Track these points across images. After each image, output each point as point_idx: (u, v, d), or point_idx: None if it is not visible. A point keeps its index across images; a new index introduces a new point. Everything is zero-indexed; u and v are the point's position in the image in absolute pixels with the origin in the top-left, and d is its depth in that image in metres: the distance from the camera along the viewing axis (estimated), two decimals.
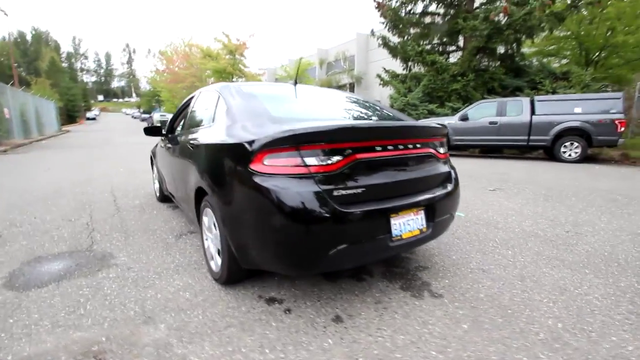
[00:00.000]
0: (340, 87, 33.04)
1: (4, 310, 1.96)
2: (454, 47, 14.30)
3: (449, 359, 1.52)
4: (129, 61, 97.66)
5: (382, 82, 15.00)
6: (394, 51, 14.41)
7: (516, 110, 8.94)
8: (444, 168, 2.20)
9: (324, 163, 1.63)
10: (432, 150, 2.08)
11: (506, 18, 10.73)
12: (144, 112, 51.16)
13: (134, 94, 78.22)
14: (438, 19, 14.04)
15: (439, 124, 2.17)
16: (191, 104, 3.05)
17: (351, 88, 32.56)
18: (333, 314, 1.87)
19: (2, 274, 2.43)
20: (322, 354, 1.55)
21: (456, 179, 2.27)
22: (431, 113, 12.29)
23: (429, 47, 13.60)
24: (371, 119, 2.37)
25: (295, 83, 2.74)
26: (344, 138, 1.69)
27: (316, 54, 35.54)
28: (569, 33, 13.61)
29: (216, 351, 1.57)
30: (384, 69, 15.52)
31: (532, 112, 8.71)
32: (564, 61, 15.00)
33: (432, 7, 13.65)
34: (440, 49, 14.41)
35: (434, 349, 1.59)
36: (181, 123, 3.39)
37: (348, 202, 1.65)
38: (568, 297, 2.04)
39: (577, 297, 2.05)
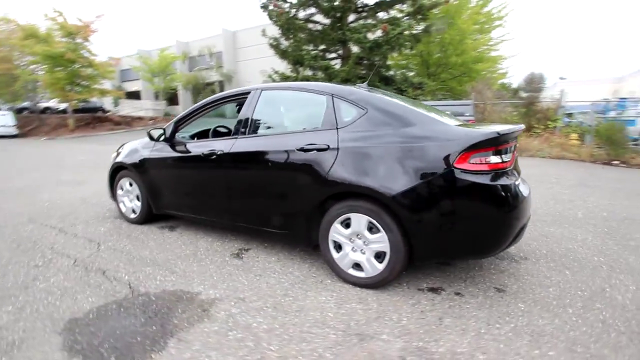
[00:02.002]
0: (209, 85, 31.22)
1: None
2: (334, 55, 15.87)
3: None
4: None
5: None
6: (284, 54, 14.90)
7: None
8: None
9: (508, 159, 1.95)
10: None
11: (384, 35, 12.74)
12: None
13: None
14: (318, 27, 15.29)
15: None
16: (248, 107, 2.65)
17: (221, 86, 31.15)
18: (492, 288, 2.21)
19: (59, 355, 1.66)
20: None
21: None
22: None
23: (313, 52, 14.60)
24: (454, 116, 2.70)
25: (368, 84, 2.83)
26: (514, 137, 2.04)
27: (175, 46, 32.23)
28: (415, 51, 17.15)
29: (487, 344, 1.69)
30: (274, 70, 15.81)
31: None
32: (411, 73, 18.81)
33: (317, 17, 14.78)
34: (323, 56, 15.74)
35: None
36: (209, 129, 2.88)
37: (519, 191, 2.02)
38: None
39: None
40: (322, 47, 15.60)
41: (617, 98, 11.38)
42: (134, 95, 33.29)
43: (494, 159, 1.88)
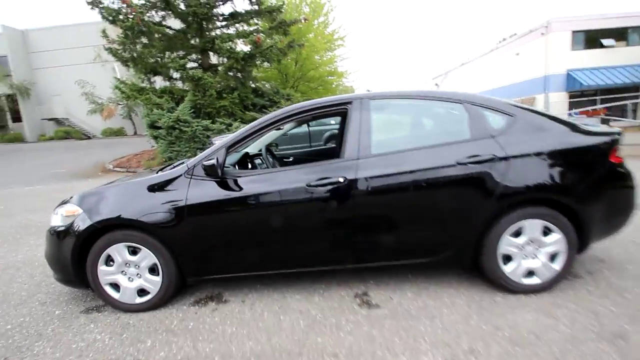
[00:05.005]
0: None
1: None
2: (195, 64, 14.39)
3: None
4: None
5: (124, 96, 12.51)
6: (133, 61, 12.48)
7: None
8: None
9: None
10: None
11: (256, 47, 12.50)
12: None
13: None
14: (169, 32, 13.55)
15: None
16: (360, 122, 2.16)
17: (12, 101, 22.92)
18: (596, 261, 2.64)
19: None
20: None
21: None
22: (207, 129, 12.03)
23: (182, 61, 12.87)
24: None
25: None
26: None
27: None
28: (274, 65, 17.63)
29: None
30: (119, 79, 13.01)
31: None
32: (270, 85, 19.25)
33: (171, 22, 13.09)
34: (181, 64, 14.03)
35: None
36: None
37: None
38: None
39: None
40: (175, 55, 13.86)
41: None
42: None
43: (619, 153, 2.27)
